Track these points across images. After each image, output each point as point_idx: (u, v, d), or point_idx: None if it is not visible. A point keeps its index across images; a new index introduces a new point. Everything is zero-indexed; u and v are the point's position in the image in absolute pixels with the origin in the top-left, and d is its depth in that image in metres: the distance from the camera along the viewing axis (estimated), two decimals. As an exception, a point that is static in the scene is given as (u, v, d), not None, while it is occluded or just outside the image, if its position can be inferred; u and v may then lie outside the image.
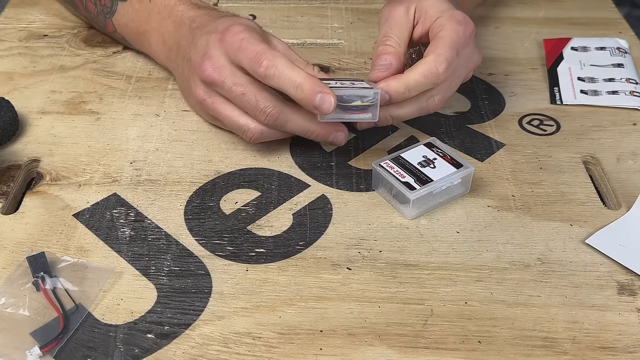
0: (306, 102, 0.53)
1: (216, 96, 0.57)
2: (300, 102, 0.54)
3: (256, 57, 0.53)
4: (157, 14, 0.65)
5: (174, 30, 0.63)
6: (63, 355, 0.44)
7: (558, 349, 0.45)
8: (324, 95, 0.52)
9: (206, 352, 0.45)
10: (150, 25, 0.66)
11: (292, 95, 0.53)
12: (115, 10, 0.69)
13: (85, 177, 0.58)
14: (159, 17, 0.65)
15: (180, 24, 0.63)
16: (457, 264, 0.51)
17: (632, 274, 0.50)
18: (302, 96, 0.53)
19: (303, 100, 0.53)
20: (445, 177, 0.54)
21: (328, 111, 0.53)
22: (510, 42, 0.77)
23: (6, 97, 0.62)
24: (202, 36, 0.58)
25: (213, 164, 0.60)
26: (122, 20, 0.69)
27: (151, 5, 0.66)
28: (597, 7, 0.83)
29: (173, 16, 0.64)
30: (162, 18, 0.65)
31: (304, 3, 0.83)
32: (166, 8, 0.65)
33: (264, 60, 0.53)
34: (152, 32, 0.66)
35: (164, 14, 0.65)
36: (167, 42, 0.65)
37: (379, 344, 0.45)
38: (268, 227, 0.54)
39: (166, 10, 0.65)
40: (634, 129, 0.64)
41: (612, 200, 0.57)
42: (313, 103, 0.52)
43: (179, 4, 0.64)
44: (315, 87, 0.52)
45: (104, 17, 0.71)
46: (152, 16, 0.66)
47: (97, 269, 0.50)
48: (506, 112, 0.66)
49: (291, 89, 0.53)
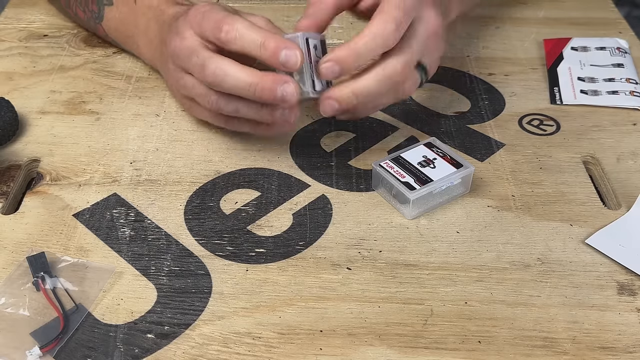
0: (272, 59, 0.51)
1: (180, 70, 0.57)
2: (267, 62, 0.52)
3: (217, 24, 0.52)
4: (143, 16, 0.65)
5: (158, 30, 0.63)
6: (63, 355, 0.44)
7: (558, 349, 0.45)
8: (288, 51, 0.50)
9: (206, 352, 0.45)
10: (137, 28, 0.66)
11: (257, 56, 0.52)
12: (102, 15, 0.69)
13: (85, 177, 0.58)
14: (144, 19, 0.65)
15: (163, 22, 0.62)
16: (457, 264, 0.51)
17: (632, 274, 0.50)
18: (267, 54, 0.51)
19: (269, 58, 0.51)
20: (445, 177, 0.54)
21: (296, 66, 0.51)
22: (510, 42, 0.77)
23: (6, 97, 0.62)
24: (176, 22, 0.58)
25: (213, 164, 0.60)
26: (111, 24, 0.69)
27: (136, 8, 0.66)
28: (597, 7, 0.83)
29: (157, 17, 0.64)
30: (147, 19, 0.65)
31: (303, 3, 0.82)
32: (150, 9, 0.65)
33: (224, 25, 0.52)
34: (140, 34, 0.66)
35: (148, 16, 0.65)
36: (153, 42, 0.65)
37: (379, 344, 0.45)
38: (268, 227, 0.54)
39: (150, 12, 0.65)
40: (634, 129, 0.64)
41: (612, 200, 0.57)
42: (279, 60, 0.51)
43: (161, 4, 0.64)
44: (279, 43, 0.51)
45: (94, 22, 0.72)
46: (138, 19, 0.66)
47: (97, 269, 0.50)
48: (506, 112, 0.66)
49: (254, 49, 0.51)
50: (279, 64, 0.51)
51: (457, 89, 0.69)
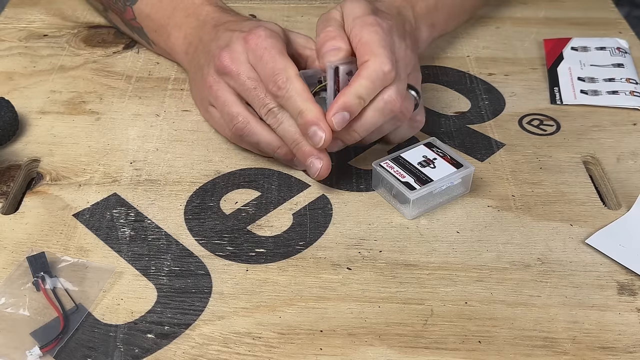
0: (302, 129, 0.54)
1: (224, 84, 0.57)
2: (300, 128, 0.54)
3: (273, 76, 0.54)
4: (182, 10, 0.66)
5: (198, 27, 0.64)
6: (63, 355, 0.44)
7: (558, 349, 0.45)
8: (317, 129, 0.52)
9: (206, 352, 0.45)
10: (173, 19, 0.67)
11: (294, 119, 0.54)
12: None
13: (85, 177, 0.58)
14: (183, 14, 0.66)
15: (205, 22, 0.63)
16: (457, 264, 0.51)
17: (632, 274, 0.50)
18: (300, 123, 0.53)
19: (301, 126, 0.54)
20: (445, 177, 0.54)
21: (318, 144, 0.53)
22: (510, 42, 0.77)
23: (6, 97, 0.62)
24: (226, 32, 0.59)
25: (213, 164, 0.60)
26: (145, 10, 0.69)
27: (176, 1, 0.67)
28: (597, 7, 0.83)
29: (198, 14, 0.65)
30: (187, 15, 0.65)
31: (304, 3, 0.83)
32: (192, 5, 0.66)
33: (279, 81, 0.53)
34: (174, 26, 0.67)
35: (189, 11, 0.65)
36: (187, 37, 0.65)
37: (379, 344, 0.45)
38: (268, 227, 0.54)
39: (192, 8, 0.65)
40: (634, 129, 0.64)
41: (612, 200, 0.57)
42: (307, 133, 0.53)
43: (205, 4, 0.65)
44: (314, 119, 0.52)
45: (123, 4, 0.71)
46: (176, 11, 0.66)
47: (97, 269, 0.50)
48: (506, 112, 0.66)
49: (294, 114, 0.54)
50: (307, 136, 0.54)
51: (457, 89, 0.69)
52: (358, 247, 0.52)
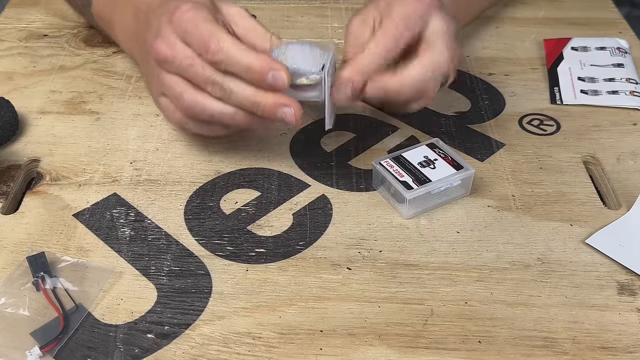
0: (260, 82, 0.51)
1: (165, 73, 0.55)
2: (255, 83, 0.52)
3: (204, 44, 0.52)
4: (121, 3, 0.64)
5: (133, 18, 0.62)
6: (63, 355, 0.44)
7: (558, 349, 0.45)
8: (275, 73, 0.50)
9: (206, 352, 0.45)
10: (116, 14, 0.66)
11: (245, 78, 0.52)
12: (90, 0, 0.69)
13: (85, 177, 0.58)
14: (121, 7, 0.64)
15: (138, 11, 0.61)
16: (457, 264, 0.51)
17: (632, 274, 0.50)
18: (253, 77, 0.51)
19: (256, 81, 0.51)
20: (444, 179, 0.54)
21: (283, 87, 0.51)
22: (510, 42, 0.77)
23: (6, 97, 0.62)
24: (156, 19, 0.56)
25: (213, 164, 0.60)
26: (96, 10, 0.69)
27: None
28: (597, 7, 0.83)
29: (132, 4, 0.62)
30: (124, 7, 0.64)
31: (304, 3, 0.83)
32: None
33: (211, 45, 0.51)
34: (117, 22, 0.66)
35: (125, 3, 0.64)
36: (127, 31, 0.64)
37: (379, 344, 0.45)
38: (268, 227, 0.54)
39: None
40: (634, 129, 0.64)
41: (612, 200, 0.57)
42: (266, 82, 0.51)
43: None
44: (265, 65, 0.50)
45: (86, 9, 0.71)
46: (117, 6, 0.65)
47: (97, 269, 0.50)
48: (506, 112, 0.66)
49: (242, 72, 0.51)
50: (269, 88, 0.51)
51: (457, 89, 0.69)
52: (358, 247, 0.52)
